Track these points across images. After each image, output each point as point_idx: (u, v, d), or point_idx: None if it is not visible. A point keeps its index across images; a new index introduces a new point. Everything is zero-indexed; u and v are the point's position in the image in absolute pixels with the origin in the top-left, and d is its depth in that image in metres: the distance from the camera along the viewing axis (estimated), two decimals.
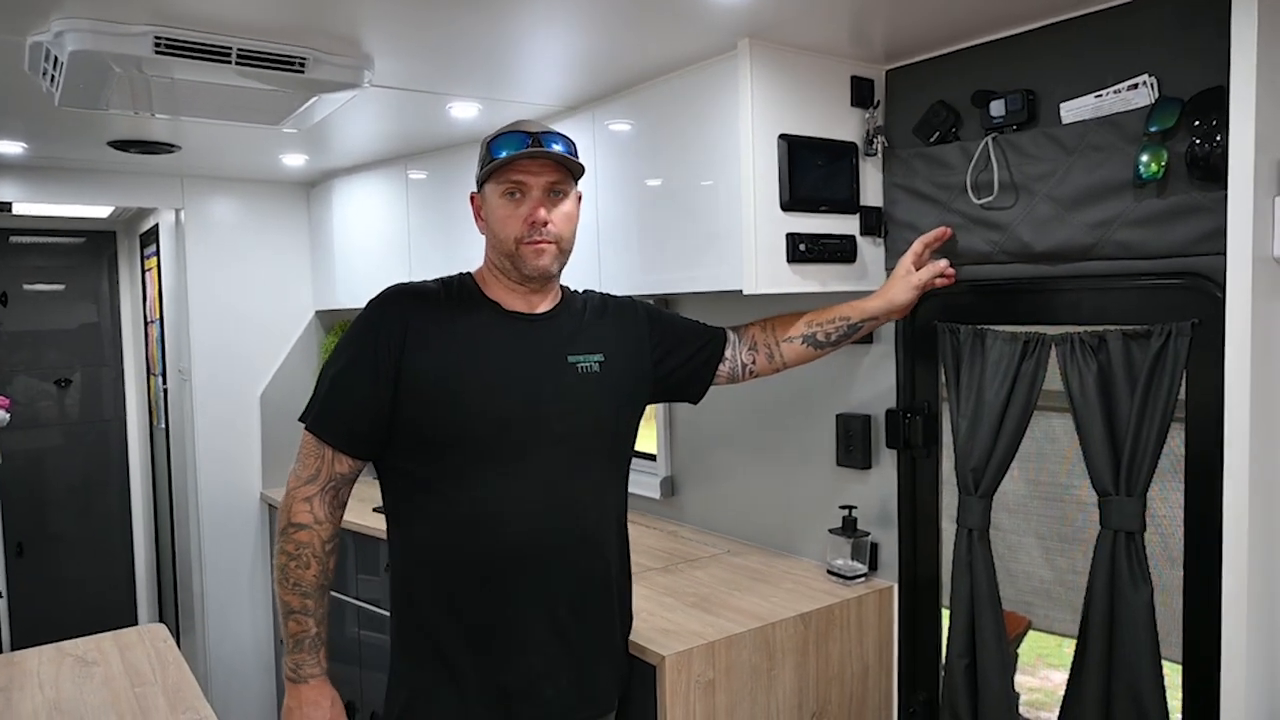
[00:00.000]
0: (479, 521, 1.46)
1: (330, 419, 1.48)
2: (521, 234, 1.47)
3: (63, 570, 4.23)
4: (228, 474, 3.42)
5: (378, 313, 1.50)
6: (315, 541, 1.46)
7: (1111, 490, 1.55)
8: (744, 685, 1.78)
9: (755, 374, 1.79)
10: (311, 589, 1.46)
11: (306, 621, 1.46)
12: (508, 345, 1.51)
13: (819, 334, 1.77)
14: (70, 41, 1.53)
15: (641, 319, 1.69)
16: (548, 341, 1.53)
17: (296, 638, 1.47)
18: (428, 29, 1.67)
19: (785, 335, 1.78)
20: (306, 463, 1.49)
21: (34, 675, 1.78)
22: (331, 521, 1.49)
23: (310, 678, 1.47)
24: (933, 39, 1.78)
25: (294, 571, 1.46)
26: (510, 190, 1.48)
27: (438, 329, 1.48)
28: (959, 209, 1.78)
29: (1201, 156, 1.41)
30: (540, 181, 1.48)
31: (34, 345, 4.17)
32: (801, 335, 1.77)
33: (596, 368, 1.55)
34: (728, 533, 2.47)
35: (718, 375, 1.77)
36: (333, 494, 1.49)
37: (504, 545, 1.46)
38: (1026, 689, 1.97)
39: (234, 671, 3.46)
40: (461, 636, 1.47)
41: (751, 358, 1.78)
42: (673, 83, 1.96)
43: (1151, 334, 1.51)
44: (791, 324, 1.78)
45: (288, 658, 1.49)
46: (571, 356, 1.53)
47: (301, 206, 3.50)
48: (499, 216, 1.49)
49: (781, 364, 1.79)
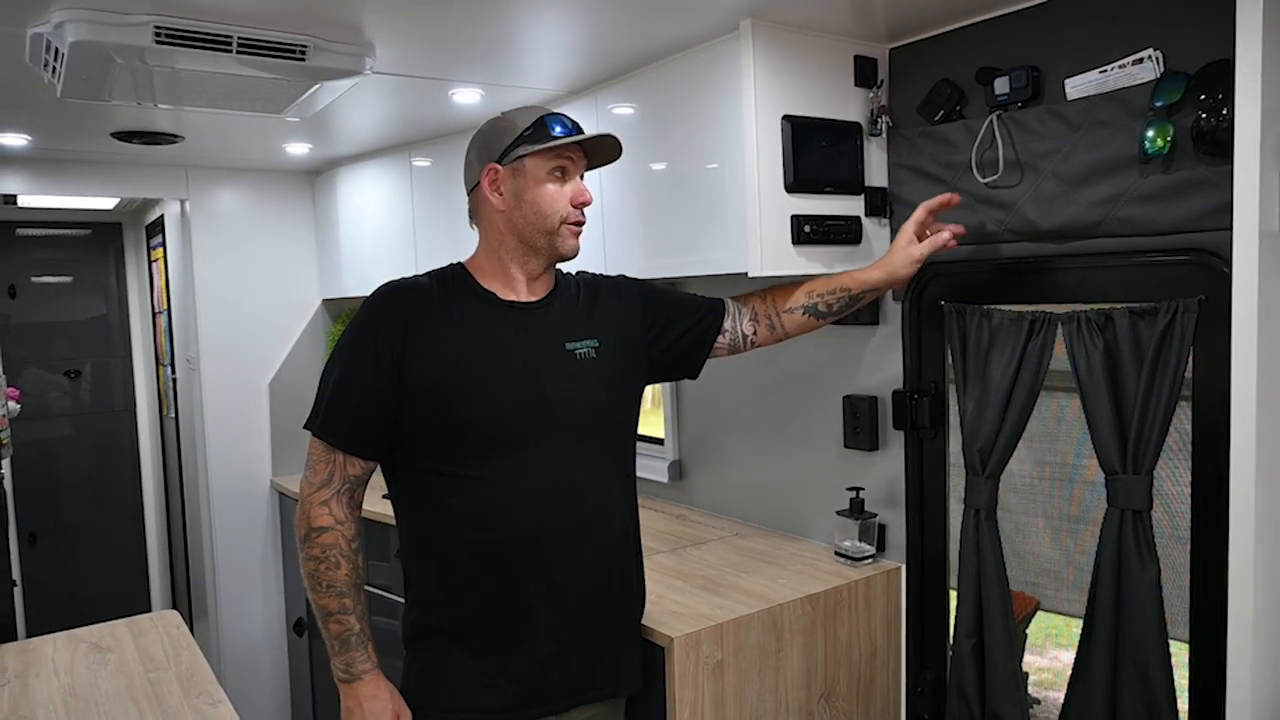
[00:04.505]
0: (483, 511, 1.46)
1: (337, 423, 1.47)
2: (568, 214, 1.50)
3: (76, 559, 4.27)
4: (238, 462, 3.44)
5: (374, 312, 1.49)
6: (340, 541, 1.46)
7: (1118, 469, 1.55)
8: (752, 666, 1.79)
9: (756, 344, 1.79)
10: (346, 587, 1.46)
11: (348, 620, 1.46)
12: (506, 336, 1.50)
13: (819, 305, 1.76)
14: (70, 32, 1.53)
15: (634, 298, 1.68)
16: (546, 330, 1.53)
17: (341, 638, 1.47)
18: (428, 14, 1.66)
19: (786, 306, 1.76)
20: (318, 468, 1.48)
21: (49, 662, 1.80)
22: (352, 520, 1.49)
23: (364, 674, 1.48)
24: (936, 16, 1.76)
25: (325, 574, 1.46)
26: (558, 168, 1.49)
27: (435, 324, 1.47)
28: (964, 188, 1.77)
29: (1207, 131, 1.40)
30: (580, 166, 1.52)
31: (43, 337, 4.20)
32: (802, 306, 1.76)
33: (593, 353, 1.55)
34: (735, 515, 2.48)
35: (718, 347, 1.76)
36: (349, 495, 1.49)
37: (509, 534, 1.46)
38: (1035, 669, 1.97)
39: (247, 656, 3.49)
40: (469, 623, 1.48)
41: (753, 328, 1.77)
42: (675, 65, 1.95)
43: (1158, 311, 1.50)
44: (791, 294, 1.77)
45: (335, 660, 1.48)
46: (569, 344, 1.53)
47: (306, 195, 3.51)
48: (548, 193, 1.49)
49: (783, 334, 1.79)
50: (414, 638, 1.53)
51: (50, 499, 4.22)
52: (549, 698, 1.50)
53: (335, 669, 1.49)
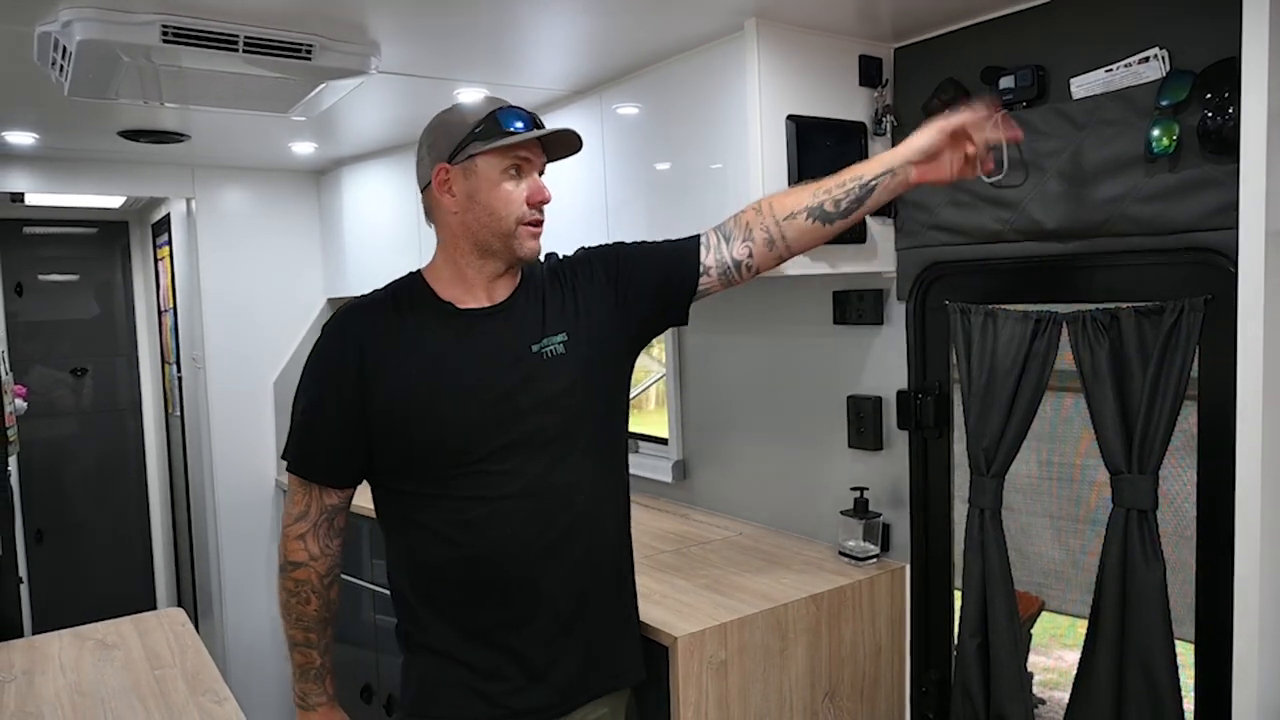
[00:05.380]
0: (466, 530, 1.41)
1: (308, 457, 1.45)
2: (524, 214, 1.40)
3: (82, 556, 4.28)
4: (243, 460, 3.45)
5: (332, 341, 1.44)
6: (313, 578, 1.47)
7: (1124, 468, 1.55)
8: (756, 665, 1.79)
9: (754, 269, 1.54)
10: (314, 622, 1.49)
11: (310, 654, 1.51)
12: (467, 349, 1.43)
13: (827, 203, 1.48)
14: (78, 31, 1.54)
15: (596, 269, 1.54)
16: (508, 335, 1.44)
17: (302, 668, 1.52)
18: (433, 14, 1.67)
19: (787, 212, 1.50)
20: (295, 499, 1.47)
21: (55, 659, 1.81)
22: (327, 555, 1.48)
23: (317, 706, 1.54)
24: (941, 15, 1.76)
25: (295, 608, 1.48)
26: (514, 166, 1.40)
27: (393, 344, 1.41)
28: (969, 187, 1.77)
29: (1213, 130, 1.40)
30: (540, 162, 1.44)
31: (49, 335, 4.21)
32: (806, 208, 1.48)
33: (561, 348, 1.45)
34: (739, 515, 2.48)
35: (706, 287, 1.54)
36: (326, 525, 1.48)
37: (495, 549, 1.41)
38: (1041, 669, 1.97)
39: (252, 654, 3.50)
40: (459, 637, 1.45)
41: (746, 250, 1.52)
42: (680, 65, 1.95)
43: (1164, 310, 1.49)
44: (793, 197, 1.51)
45: (295, 685, 1.54)
46: (535, 345, 1.44)
47: (311, 194, 3.51)
48: (503, 194, 1.39)
49: (785, 250, 1.52)
50: (408, 650, 1.51)
51: (56, 497, 4.23)
52: (549, 702, 1.48)
53: (294, 693, 1.55)
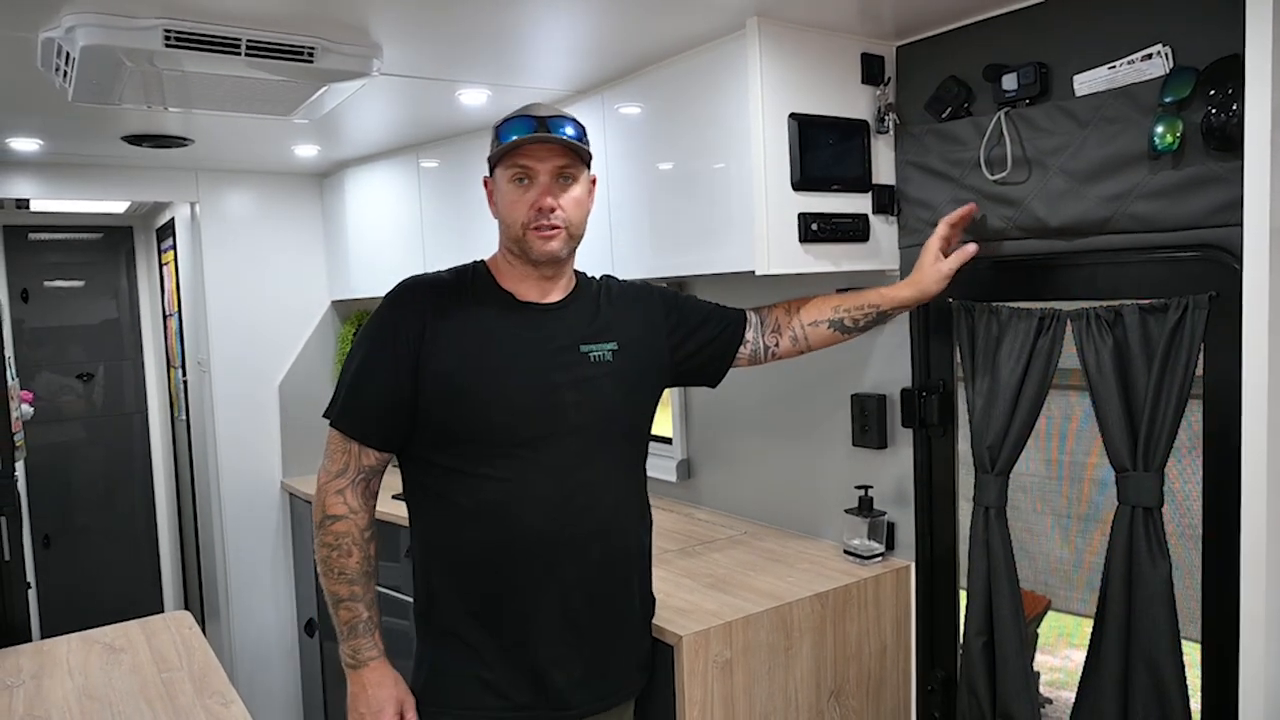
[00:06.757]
0: (492, 511, 1.47)
1: (353, 414, 1.50)
2: (528, 220, 1.47)
3: (89, 561, 4.30)
4: (248, 463, 3.46)
5: (396, 306, 1.51)
6: (353, 530, 1.49)
7: (1129, 466, 1.54)
8: (762, 664, 1.78)
9: (778, 356, 1.78)
10: (357, 574, 1.49)
11: (356, 607, 1.49)
12: (522, 337, 1.51)
13: (846, 319, 1.76)
14: (81, 36, 1.54)
15: (657, 305, 1.68)
16: (561, 332, 1.53)
17: (350, 624, 1.49)
18: (435, 15, 1.67)
19: (811, 319, 1.76)
20: (335, 457, 1.51)
21: (63, 663, 1.82)
22: (366, 510, 1.51)
23: (369, 660, 1.50)
24: (943, 13, 1.76)
25: (337, 561, 1.48)
26: (518, 175, 1.48)
27: (454, 322, 1.49)
28: (972, 185, 1.77)
29: (1217, 126, 1.39)
30: (548, 167, 1.47)
31: (56, 341, 4.22)
32: (828, 320, 1.76)
33: (609, 356, 1.55)
34: (744, 514, 2.48)
35: (739, 358, 1.76)
36: (364, 485, 1.51)
37: (516, 535, 1.47)
38: (1047, 668, 1.97)
39: (258, 656, 3.51)
40: (476, 622, 1.49)
41: (775, 340, 1.76)
42: (682, 64, 1.95)
43: (1168, 308, 1.49)
44: (817, 307, 1.77)
45: (343, 645, 1.51)
46: (584, 346, 1.54)
47: (315, 197, 3.52)
48: (507, 202, 1.49)
49: (805, 347, 1.78)
50: (424, 634, 1.55)
51: (63, 501, 4.25)
52: (553, 703, 1.50)
53: (343, 654, 1.51)
